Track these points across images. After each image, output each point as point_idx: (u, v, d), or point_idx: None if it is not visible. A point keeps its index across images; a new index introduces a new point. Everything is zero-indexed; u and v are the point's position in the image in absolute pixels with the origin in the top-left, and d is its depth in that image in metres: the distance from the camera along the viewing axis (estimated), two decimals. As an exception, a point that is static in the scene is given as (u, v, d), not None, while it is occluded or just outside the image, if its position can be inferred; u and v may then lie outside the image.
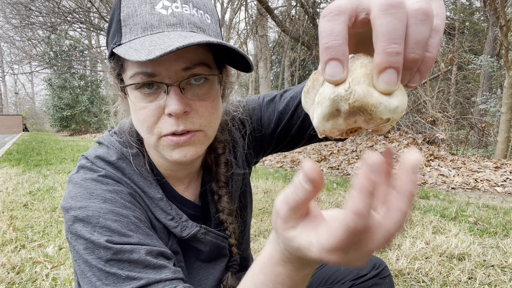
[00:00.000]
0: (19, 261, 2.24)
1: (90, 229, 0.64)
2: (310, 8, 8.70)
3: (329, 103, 0.32)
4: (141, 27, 0.65)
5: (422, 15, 0.30)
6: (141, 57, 0.58)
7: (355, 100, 0.31)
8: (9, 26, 23.70)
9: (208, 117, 0.71)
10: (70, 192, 0.69)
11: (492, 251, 2.36)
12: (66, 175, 5.37)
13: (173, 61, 0.65)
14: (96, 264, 0.63)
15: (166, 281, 0.63)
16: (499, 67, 8.05)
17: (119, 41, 0.67)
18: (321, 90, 0.34)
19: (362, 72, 0.31)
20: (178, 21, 0.65)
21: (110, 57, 0.71)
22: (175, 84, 0.66)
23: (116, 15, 0.68)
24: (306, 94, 0.36)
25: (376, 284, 0.99)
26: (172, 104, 0.65)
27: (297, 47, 14.98)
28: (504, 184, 4.77)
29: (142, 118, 0.69)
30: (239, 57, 0.68)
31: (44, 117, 36.97)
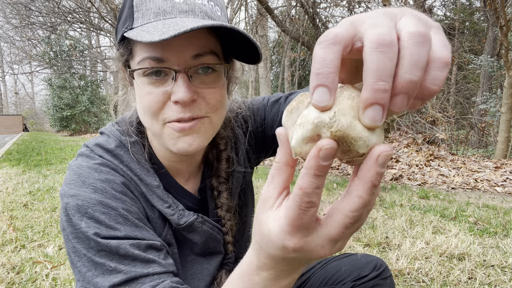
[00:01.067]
0: (19, 261, 2.24)
1: (79, 218, 0.64)
2: (310, 8, 8.70)
3: (311, 127, 0.33)
4: (153, 12, 0.65)
5: (419, 37, 0.30)
6: (154, 37, 0.58)
7: (337, 130, 0.32)
8: (9, 26, 23.72)
9: (216, 105, 0.70)
10: (66, 179, 0.70)
11: (492, 251, 2.36)
12: (66, 175, 5.38)
13: (184, 46, 0.65)
14: (86, 253, 0.63)
15: (154, 275, 0.64)
16: (499, 67, 8.05)
17: (130, 26, 0.67)
18: (305, 112, 0.34)
19: (348, 104, 0.32)
20: (190, 8, 0.66)
21: (119, 42, 0.72)
22: (184, 71, 0.65)
23: (129, 1, 0.68)
24: (289, 114, 0.37)
25: (377, 285, 0.99)
26: (180, 92, 0.65)
27: (297, 47, 14.98)
28: (504, 184, 4.77)
29: (147, 104, 0.68)
30: (247, 48, 0.68)
31: (44, 117, 36.99)
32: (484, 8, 10.39)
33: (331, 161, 0.33)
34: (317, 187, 0.34)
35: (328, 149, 0.32)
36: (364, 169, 0.33)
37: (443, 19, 15.11)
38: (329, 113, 0.32)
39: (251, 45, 0.66)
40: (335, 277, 1.04)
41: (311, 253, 0.38)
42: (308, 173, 0.33)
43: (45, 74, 29.33)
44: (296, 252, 0.38)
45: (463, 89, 13.57)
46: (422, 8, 8.21)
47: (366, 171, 0.33)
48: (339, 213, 0.35)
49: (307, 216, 0.35)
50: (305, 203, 0.34)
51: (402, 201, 3.85)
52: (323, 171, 0.33)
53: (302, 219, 0.35)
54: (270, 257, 0.42)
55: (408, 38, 0.30)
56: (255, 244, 0.44)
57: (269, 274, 0.44)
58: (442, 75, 0.31)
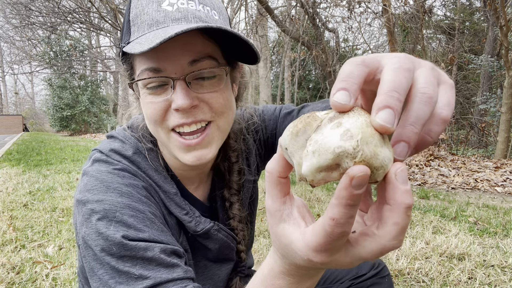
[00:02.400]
0: (19, 261, 2.24)
1: (106, 223, 0.63)
2: (310, 8, 8.70)
3: (331, 156, 0.31)
4: (147, 24, 0.66)
5: (427, 98, 0.33)
6: (144, 47, 0.59)
7: (362, 160, 0.31)
8: (9, 26, 23.71)
9: (219, 108, 0.70)
10: (86, 185, 0.68)
11: (492, 251, 2.36)
12: (66, 175, 5.37)
13: (179, 55, 0.65)
14: (109, 261, 0.62)
15: (177, 280, 0.63)
16: (499, 67, 8.05)
17: (127, 40, 0.68)
18: (316, 137, 0.32)
19: (369, 132, 0.31)
20: (183, 15, 0.66)
21: (122, 59, 0.73)
22: (181, 78, 0.66)
23: (126, 17, 0.70)
24: (294, 137, 0.34)
25: (375, 284, 0.99)
26: (178, 99, 0.65)
27: (297, 47, 14.97)
28: (504, 184, 4.77)
29: (150, 113, 0.69)
30: (245, 49, 0.68)
31: (44, 117, 36.98)
32: (484, 8, 10.39)
33: (365, 188, 0.31)
34: (350, 216, 0.32)
35: (362, 177, 0.30)
36: (391, 193, 0.32)
37: (443, 19, 15.11)
38: (352, 141, 0.31)
39: (247, 45, 0.66)
40: (334, 275, 1.04)
41: (337, 266, 0.38)
42: (340, 203, 0.31)
43: (45, 74, 29.35)
44: (322, 265, 0.38)
45: (463, 89, 13.57)
46: (422, 8, 8.21)
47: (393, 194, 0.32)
48: (375, 241, 0.34)
49: (338, 243, 0.34)
50: (337, 234, 0.33)
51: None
52: (357, 200, 0.31)
53: (331, 244, 0.35)
54: (294, 265, 0.42)
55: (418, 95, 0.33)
56: (276, 251, 0.44)
57: (293, 278, 0.44)
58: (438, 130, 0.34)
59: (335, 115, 0.33)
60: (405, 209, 0.32)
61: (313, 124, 0.34)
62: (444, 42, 14.41)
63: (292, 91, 19.91)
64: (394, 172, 0.32)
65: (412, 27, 8.99)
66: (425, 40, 9.19)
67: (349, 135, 0.31)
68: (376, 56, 0.36)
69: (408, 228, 2.85)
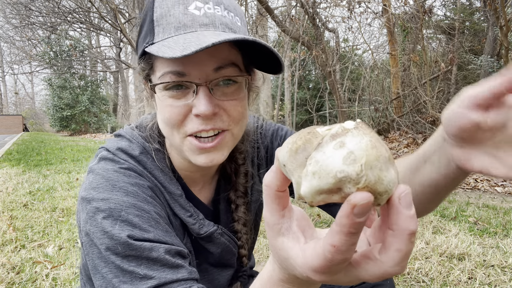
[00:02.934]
0: (19, 261, 2.24)
1: (111, 222, 0.63)
2: (310, 8, 8.70)
3: (333, 181, 0.29)
4: (174, 26, 0.66)
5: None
6: (176, 53, 0.58)
7: (365, 186, 0.29)
8: (9, 26, 23.72)
9: (237, 117, 0.70)
10: (92, 183, 0.68)
11: (492, 251, 2.36)
12: (66, 175, 5.37)
13: (205, 60, 0.65)
14: (114, 260, 0.62)
15: (182, 280, 0.63)
16: (499, 67, 8.05)
17: (151, 40, 0.67)
18: (317, 157, 0.30)
19: (374, 154, 0.29)
20: (211, 21, 0.66)
21: (140, 57, 0.71)
22: (205, 84, 0.65)
23: (149, 16, 0.68)
24: (293, 154, 0.32)
25: (377, 285, 0.99)
26: (201, 105, 0.65)
27: (297, 47, 14.97)
28: (504, 184, 4.77)
29: (168, 116, 0.68)
30: (268, 59, 0.68)
31: (44, 117, 36.97)
32: (484, 8, 10.39)
33: (368, 215, 0.30)
34: (352, 244, 0.31)
35: (365, 205, 0.29)
36: (394, 218, 0.31)
37: (443, 19, 15.11)
38: (355, 166, 0.29)
39: (272, 55, 0.65)
40: None
41: (336, 283, 0.37)
42: (342, 231, 0.30)
43: (45, 74, 29.35)
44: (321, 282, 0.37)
45: (463, 89, 13.54)
46: (422, 8, 8.21)
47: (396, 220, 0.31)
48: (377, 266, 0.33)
49: (338, 267, 0.34)
50: (338, 260, 0.32)
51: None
52: (359, 228, 0.30)
53: (332, 268, 0.34)
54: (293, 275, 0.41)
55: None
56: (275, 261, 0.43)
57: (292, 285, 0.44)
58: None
59: (337, 132, 0.31)
60: (409, 235, 0.31)
61: (314, 141, 0.32)
62: (444, 42, 14.40)
63: (292, 91, 19.90)
64: (398, 196, 0.31)
65: (412, 27, 8.99)
66: (425, 40, 9.20)
67: (353, 158, 0.29)
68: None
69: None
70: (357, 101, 9.26)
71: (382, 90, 9.72)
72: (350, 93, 12.41)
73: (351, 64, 13.95)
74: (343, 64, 13.70)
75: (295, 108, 20.55)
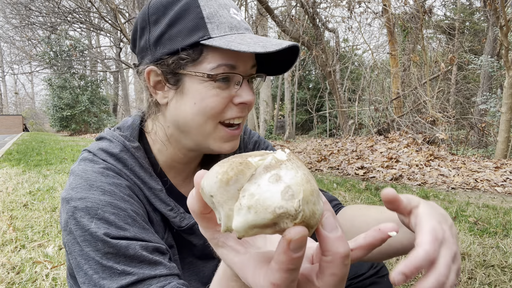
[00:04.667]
0: (19, 261, 2.24)
1: (88, 220, 0.65)
2: (310, 8, 8.70)
3: (271, 216, 0.28)
4: (228, 26, 0.74)
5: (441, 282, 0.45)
6: (256, 49, 0.68)
7: (302, 221, 0.29)
8: (9, 26, 23.72)
9: (251, 107, 0.81)
10: (71, 184, 0.71)
11: (492, 251, 2.36)
12: (66, 175, 5.37)
13: (248, 57, 0.76)
14: (94, 256, 0.64)
15: (160, 277, 0.65)
16: (499, 67, 8.05)
17: (206, 35, 0.73)
18: (252, 190, 0.29)
19: (309, 189, 0.29)
20: (247, 27, 0.79)
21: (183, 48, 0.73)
22: (247, 78, 0.77)
23: (195, 13, 0.73)
24: (223, 185, 0.30)
25: (374, 283, 1.00)
26: (247, 95, 0.76)
27: (297, 47, 14.91)
28: (504, 184, 4.77)
29: (212, 105, 0.75)
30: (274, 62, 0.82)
31: (44, 117, 36.97)
32: (484, 8, 10.39)
33: (304, 249, 0.29)
34: (291, 280, 0.31)
35: (300, 239, 0.28)
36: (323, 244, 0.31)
37: (443, 19, 15.10)
38: (294, 202, 0.28)
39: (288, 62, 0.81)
40: None
41: None
42: (280, 268, 0.30)
43: (45, 74, 29.34)
44: None
45: (463, 89, 13.57)
46: (422, 8, 8.21)
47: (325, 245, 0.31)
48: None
49: None
50: None
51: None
52: (297, 263, 0.30)
53: None
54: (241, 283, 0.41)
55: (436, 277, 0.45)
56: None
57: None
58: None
59: (271, 163, 0.31)
60: (341, 258, 0.31)
61: (247, 173, 0.30)
62: (444, 42, 14.41)
63: (292, 91, 19.90)
64: (321, 223, 0.31)
65: (412, 27, 8.99)
66: (425, 40, 9.19)
67: (291, 193, 0.29)
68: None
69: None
70: (357, 101, 9.26)
71: (382, 90, 9.72)
72: (350, 93, 12.42)
73: (351, 64, 13.95)
74: (343, 64, 13.70)
75: (295, 108, 20.54)
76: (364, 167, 6.10)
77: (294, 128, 19.49)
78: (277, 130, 19.99)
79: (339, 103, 9.58)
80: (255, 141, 1.04)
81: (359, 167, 6.10)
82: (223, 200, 0.30)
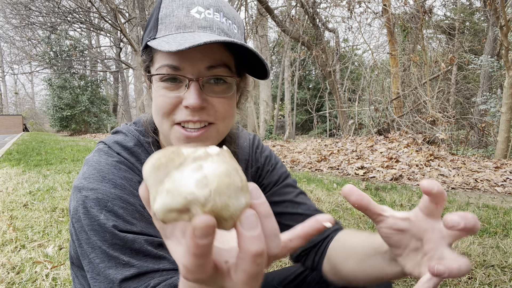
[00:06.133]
0: (19, 261, 2.24)
1: (98, 211, 0.68)
2: (310, 8, 8.70)
3: (182, 201, 0.30)
4: (175, 25, 0.72)
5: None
6: (172, 47, 0.64)
7: (211, 210, 0.30)
8: (9, 26, 23.71)
9: (224, 113, 0.75)
10: (84, 173, 0.74)
11: (492, 251, 2.36)
12: (66, 175, 5.37)
13: (199, 58, 0.71)
14: (101, 246, 0.67)
15: (163, 271, 0.67)
16: (499, 67, 8.05)
17: (153, 36, 0.74)
18: (176, 176, 0.31)
19: (225, 182, 0.31)
20: (209, 25, 0.73)
21: (143, 50, 0.78)
22: (196, 80, 0.72)
23: (155, 14, 0.76)
24: (155, 170, 0.33)
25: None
26: (190, 98, 0.70)
27: (297, 47, 14.97)
28: (504, 184, 4.77)
29: (160, 105, 0.74)
30: (257, 64, 0.74)
31: (44, 117, 36.95)
32: (484, 8, 10.39)
33: (212, 238, 0.30)
34: (200, 265, 0.32)
35: (205, 228, 0.29)
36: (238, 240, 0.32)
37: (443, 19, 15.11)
38: (205, 190, 0.30)
39: (260, 61, 0.72)
40: None
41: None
42: (188, 252, 0.31)
43: (45, 74, 29.34)
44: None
45: (463, 89, 13.57)
46: (422, 8, 8.21)
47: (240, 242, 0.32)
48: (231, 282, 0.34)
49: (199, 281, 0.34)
50: (192, 279, 0.33)
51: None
52: (204, 250, 0.30)
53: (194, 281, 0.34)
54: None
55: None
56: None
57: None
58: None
59: (199, 155, 0.33)
60: (253, 257, 0.31)
61: (176, 161, 0.32)
62: (444, 42, 14.41)
63: (292, 91, 19.90)
64: (239, 219, 0.32)
65: (412, 27, 8.99)
66: (425, 40, 9.19)
67: (205, 182, 0.31)
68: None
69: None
70: (357, 101, 9.26)
71: (382, 90, 9.72)
72: (350, 93, 12.42)
73: (351, 64, 13.95)
74: (343, 64, 13.70)
75: (295, 108, 20.54)
76: (364, 167, 6.11)
77: (294, 128, 19.50)
78: (277, 130, 20.00)
79: (339, 103, 9.58)
80: (266, 156, 1.03)
81: (359, 167, 6.10)
82: (153, 183, 0.33)
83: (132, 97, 34.17)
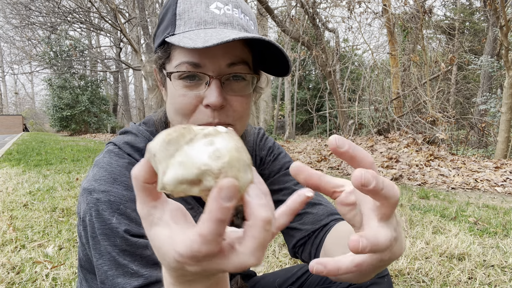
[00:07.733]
0: (19, 261, 2.24)
1: (110, 214, 0.66)
2: (310, 8, 8.70)
3: (197, 172, 0.31)
4: (195, 21, 0.71)
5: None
6: (197, 44, 0.62)
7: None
8: (9, 26, 23.68)
9: (241, 113, 0.74)
10: (95, 175, 0.71)
11: (492, 251, 2.36)
12: (66, 175, 5.37)
13: (220, 55, 0.69)
14: (111, 252, 0.65)
15: None
16: (499, 67, 8.05)
17: (172, 32, 0.72)
18: (188, 150, 0.32)
19: (236, 156, 0.32)
20: (229, 21, 0.72)
21: (159, 46, 0.76)
22: (217, 78, 0.70)
23: (172, 10, 0.74)
24: (165, 144, 0.33)
25: (375, 284, 0.99)
26: (212, 96, 0.69)
27: (297, 47, 14.97)
28: (504, 184, 4.77)
29: (179, 106, 0.71)
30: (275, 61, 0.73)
31: (44, 117, 36.93)
32: (484, 8, 10.39)
33: (235, 202, 0.31)
34: (218, 233, 0.31)
35: (231, 188, 0.30)
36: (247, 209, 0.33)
37: (443, 19, 15.11)
38: (218, 162, 0.31)
39: (282, 58, 0.70)
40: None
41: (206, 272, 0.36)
42: (210, 218, 0.31)
43: (45, 74, 29.32)
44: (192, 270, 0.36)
45: (463, 89, 13.57)
46: (422, 8, 8.21)
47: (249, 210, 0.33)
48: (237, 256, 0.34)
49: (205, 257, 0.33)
50: (204, 252, 0.32)
51: (402, 201, 3.85)
52: (226, 214, 0.30)
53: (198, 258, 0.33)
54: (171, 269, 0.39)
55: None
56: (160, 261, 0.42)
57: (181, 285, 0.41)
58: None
59: (210, 132, 0.34)
60: (263, 222, 0.32)
61: (187, 136, 0.34)
62: (444, 42, 14.41)
63: (292, 91, 19.90)
64: (247, 190, 0.33)
65: (412, 27, 8.99)
66: (425, 40, 9.19)
67: (217, 155, 0.32)
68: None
69: (408, 228, 2.85)
70: (357, 101, 9.26)
71: (382, 90, 9.72)
72: (350, 93, 12.42)
73: (351, 64, 13.95)
74: (343, 64, 13.70)
75: (295, 108, 20.54)
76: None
77: (294, 128, 19.50)
78: (277, 130, 20.00)
79: (339, 103, 9.58)
80: (269, 147, 1.02)
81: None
82: (162, 158, 0.33)
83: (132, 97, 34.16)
